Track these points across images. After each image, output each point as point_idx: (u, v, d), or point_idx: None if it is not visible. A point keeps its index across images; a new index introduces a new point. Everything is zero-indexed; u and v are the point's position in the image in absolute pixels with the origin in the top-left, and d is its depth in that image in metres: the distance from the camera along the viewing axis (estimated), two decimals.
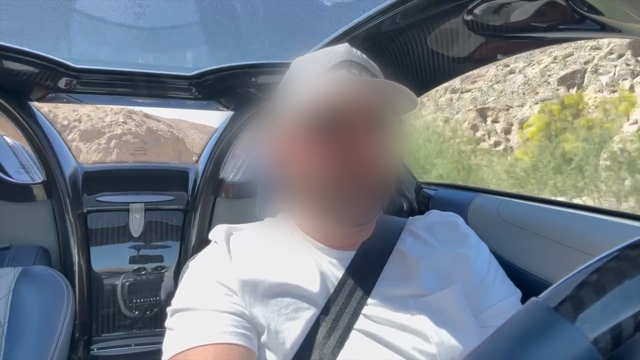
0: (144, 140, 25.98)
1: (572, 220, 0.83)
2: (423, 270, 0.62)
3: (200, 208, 1.60)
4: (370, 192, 0.58)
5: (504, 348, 0.28)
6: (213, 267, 0.61)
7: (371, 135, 0.58)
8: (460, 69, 1.08)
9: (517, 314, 0.30)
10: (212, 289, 0.58)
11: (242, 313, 0.56)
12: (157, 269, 1.60)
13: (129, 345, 1.53)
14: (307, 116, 0.58)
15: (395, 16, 0.92)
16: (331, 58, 0.62)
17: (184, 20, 1.34)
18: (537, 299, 0.29)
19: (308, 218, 0.66)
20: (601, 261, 0.30)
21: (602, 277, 0.29)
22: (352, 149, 0.57)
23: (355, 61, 0.62)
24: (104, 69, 1.31)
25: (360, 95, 0.57)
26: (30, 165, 1.53)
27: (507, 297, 0.65)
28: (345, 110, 0.57)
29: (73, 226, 1.46)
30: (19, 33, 1.21)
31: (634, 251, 0.29)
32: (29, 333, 0.92)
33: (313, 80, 0.61)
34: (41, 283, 1.01)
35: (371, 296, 0.60)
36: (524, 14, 0.79)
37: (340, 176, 0.57)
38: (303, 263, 0.62)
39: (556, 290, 0.30)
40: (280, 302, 0.57)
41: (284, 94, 0.66)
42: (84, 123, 26.02)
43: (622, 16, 0.64)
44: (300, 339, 0.55)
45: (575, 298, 0.28)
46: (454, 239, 0.69)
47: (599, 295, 0.28)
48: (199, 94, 1.48)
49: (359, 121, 0.58)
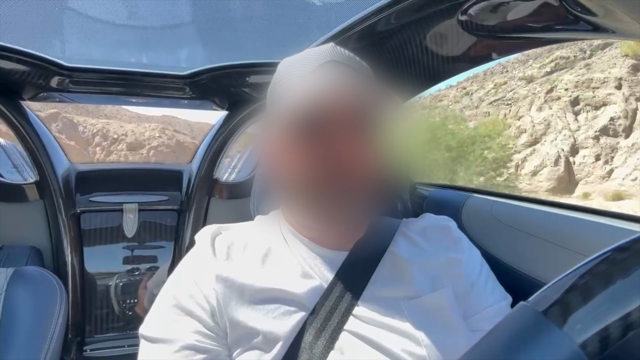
0: (174, 150, 34.22)
1: (566, 221, 0.83)
2: (415, 272, 0.62)
3: (194, 208, 1.59)
4: (356, 192, 0.58)
5: (492, 353, 0.28)
6: (185, 286, 0.60)
7: (355, 135, 0.58)
8: (455, 69, 1.08)
9: (506, 319, 0.30)
10: (177, 320, 0.57)
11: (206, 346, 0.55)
12: (151, 270, 1.59)
13: (122, 346, 1.52)
14: (291, 118, 0.59)
15: (390, 16, 0.92)
16: (315, 59, 0.62)
17: (178, 20, 1.33)
18: (526, 303, 0.29)
19: (299, 217, 0.66)
20: (589, 264, 0.30)
21: (590, 281, 0.29)
22: (337, 149, 0.57)
23: (339, 61, 0.62)
24: (96, 67, 1.30)
25: (342, 96, 0.57)
26: (22, 165, 1.51)
27: (497, 301, 0.65)
28: (328, 111, 0.57)
29: (66, 226, 1.45)
30: (11, 31, 1.20)
31: (621, 254, 0.29)
32: (21, 334, 0.91)
33: (297, 82, 0.61)
34: (34, 284, 1.00)
35: (362, 297, 0.59)
36: (518, 14, 0.80)
37: (326, 176, 0.57)
38: (293, 263, 0.62)
39: (544, 294, 0.29)
40: (268, 305, 0.57)
41: (272, 96, 0.66)
42: (129, 137, 35.26)
43: (615, 17, 0.64)
44: (288, 341, 0.55)
45: (563, 302, 0.28)
46: (447, 243, 0.69)
47: (586, 298, 0.28)
48: (193, 94, 1.47)
49: (343, 121, 0.58)
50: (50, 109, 33.56)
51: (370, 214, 0.67)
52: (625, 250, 0.29)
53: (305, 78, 0.60)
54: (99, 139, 35.63)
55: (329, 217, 0.60)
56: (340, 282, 0.60)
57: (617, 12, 0.62)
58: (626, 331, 0.26)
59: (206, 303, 0.57)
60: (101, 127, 36.31)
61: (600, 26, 0.69)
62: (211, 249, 0.63)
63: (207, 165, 1.59)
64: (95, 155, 34.51)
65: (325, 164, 0.57)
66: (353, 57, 0.64)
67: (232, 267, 0.60)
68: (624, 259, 0.29)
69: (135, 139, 34.86)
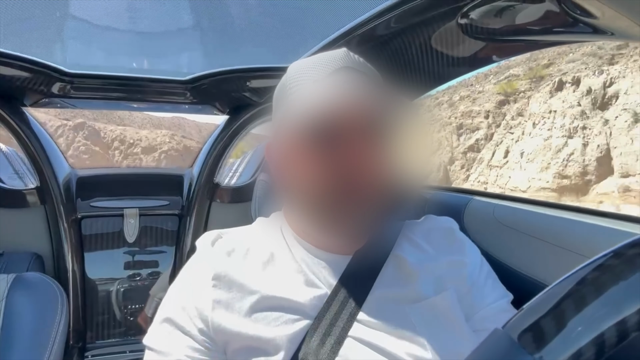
0: (182, 154, 40.20)
1: (570, 223, 0.83)
2: (419, 275, 0.62)
3: (195, 213, 1.59)
4: (368, 203, 0.57)
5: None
6: (182, 299, 0.60)
7: (370, 143, 0.56)
8: (455, 72, 1.08)
9: (481, 345, 0.30)
10: (173, 336, 0.57)
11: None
12: (152, 275, 1.59)
13: (123, 352, 1.52)
14: (303, 125, 0.57)
15: (390, 20, 0.92)
16: (329, 64, 0.60)
17: (179, 25, 1.34)
18: (500, 329, 0.29)
19: (304, 225, 0.65)
20: (560, 285, 0.29)
21: (562, 303, 0.28)
22: (351, 158, 0.55)
23: (353, 67, 0.60)
24: (98, 73, 1.31)
25: (358, 104, 0.56)
26: (23, 171, 1.51)
27: (498, 299, 0.64)
28: (342, 118, 0.56)
29: (67, 232, 1.45)
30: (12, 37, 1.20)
31: (593, 273, 0.29)
32: (22, 340, 0.91)
33: (311, 87, 0.59)
34: (34, 290, 1.00)
35: (366, 302, 0.59)
36: (517, 17, 0.80)
37: (339, 186, 0.56)
38: (295, 269, 0.61)
39: (518, 319, 0.29)
40: (271, 313, 0.56)
41: (282, 101, 0.64)
42: (143, 142, 41.70)
43: (615, 19, 0.64)
44: (293, 347, 0.55)
45: (536, 327, 0.28)
46: (450, 245, 0.68)
47: (559, 323, 0.27)
48: (194, 98, 1.48)
49: (357, 130, 0.56)
50: (78, 119, 39.95)
51: (379, 224, 0.65)
52: (599, 268, 0.29)
53: (319, 83, 0.59)
54: (117, 144, 41.82)
55: (336, 228, 0.59)
56: (344, 287, 0.60)
57: (616, 14, 0.62)
58: (600, 355, 0.26)
59: (200, 318, 0.57)
60: (119, 133, 42.71)
61: (599, 28, 0.69)
62: (210, 257, 0.62)
63: (208, 170, 1.59)
64: (114, 157, 40.38)
65: (339, 173, 0.56)
66: (365, 63, 0.63)
67: (233, 275, 0.59)
68: (594, 279, 0.28)
69: (148, 144, 41.36)
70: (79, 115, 40.14)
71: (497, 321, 0.60)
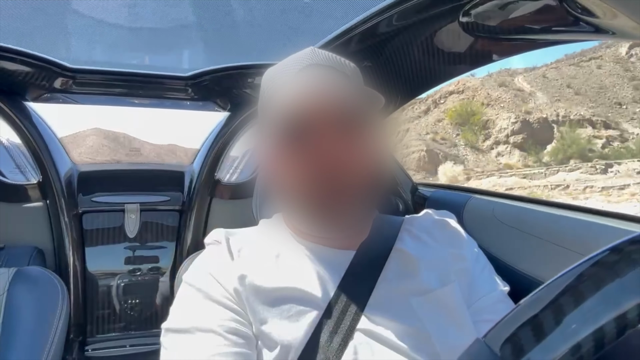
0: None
1: (569, 222, 0.83)
2: (422, 268, 0.62)
3: (196, 209, 1.60)
4: (351, 194, 0.58)
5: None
6: (206, 279, 0.60)
7: (342, 136, 0.58)
8: (455, 70, 1.08)
9: (462, 355, 0.30)
10: (205, 307, 0.58)
11: (236, 329, 0.56)
12: (153, 270, 1.59)
13: (123, 346, 1.52)
14: (277, 125, 0.59)
15: (392, 18, 0.92)
16: (296, 64, 0.62)
17: (180, 21, 1.34)
18: (481, 340, 0.29)
19: (299, 224, 0.67)
20: (538, 293, 0.29)
21: (540, 314, 0.28)
22: (325, 152, 0.57)
23: (319, 64, 0.61)
24: (99, 69, 1.31)
25: (323, 97, 0.57)
26: (25, 165, 1.52)
27: (494, 289, 0.65)
28: (310, 113, 0.57)
29: (68, 227, 1.46)
30: (15, 33, 1.20)
31: (575, 281, 0.28)
32: (23, 334, 0.91)
33: (279, 88, 0.61)
34: (35, 284, 1.00)
35: (372, 296, 0.60)
36: (519, 16, 0.80)
37: (318, 180, 0.57)
38: (302, 265, 0.62)
39: (497, 329, 0.29)
40: (282, 306, 0.58)
41: (260, 104, 0.67)
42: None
43: (616, 19, 0.64)
44: (304, 341, 0.56)
45: (515, 338, 0.27)
46: (450, 238, 0.69)
47: (538, 334, 0.27)
48: (195, 95, 1.48)
49: (327, 123, 0.57)
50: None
51: (369, 214, 0.67)
52: (581, 277, 0.28)
53: (287, 84, 0.61)
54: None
55: (328, 224, 0.61)
56: (350, 282, 0.60)
57: (617, 13, 0.62)
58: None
59: (230, 296, 0.58)
60: (120, 133, 44.60)
61: (600, 27, 0.69)
62: (227, 248, 0.64)
63: (208, 166, 1.59)
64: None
65: (316, 167, 0.57)
66: (335, 58, 0.64)
67: (246, 268, 0.60)
68: (574, 287, 0.28)
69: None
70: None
71: (495, 312, 0.61)
